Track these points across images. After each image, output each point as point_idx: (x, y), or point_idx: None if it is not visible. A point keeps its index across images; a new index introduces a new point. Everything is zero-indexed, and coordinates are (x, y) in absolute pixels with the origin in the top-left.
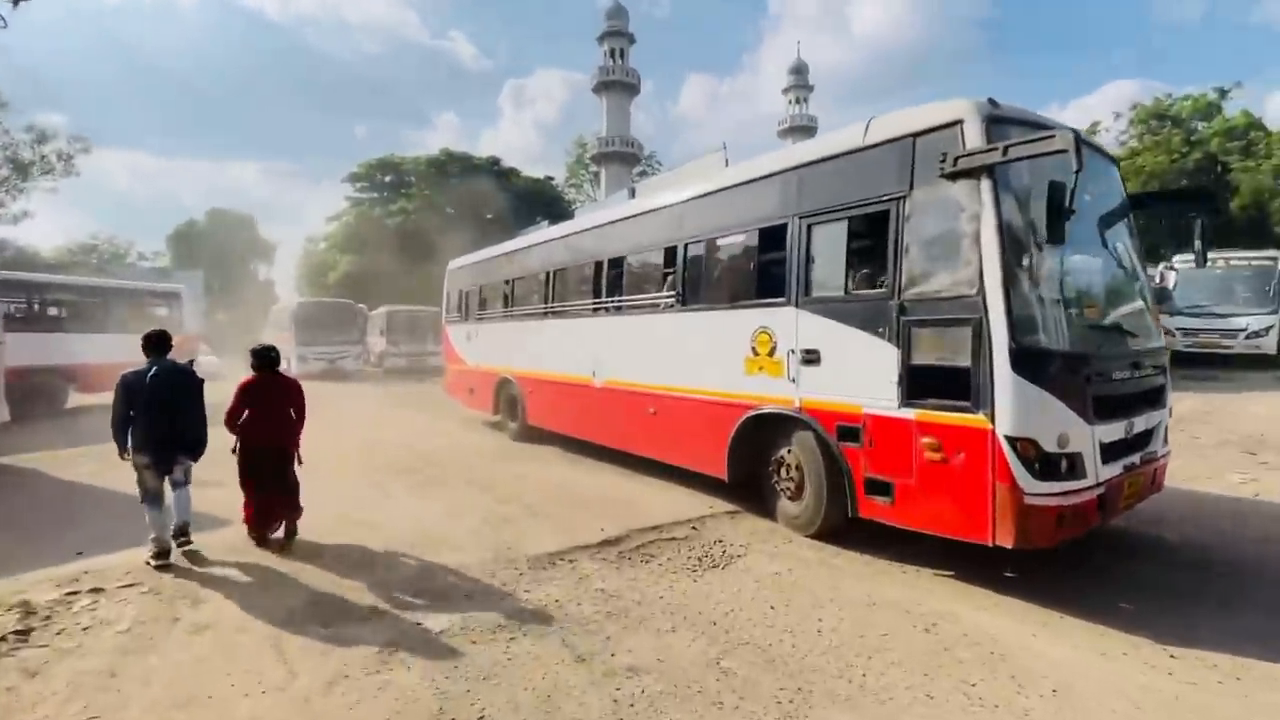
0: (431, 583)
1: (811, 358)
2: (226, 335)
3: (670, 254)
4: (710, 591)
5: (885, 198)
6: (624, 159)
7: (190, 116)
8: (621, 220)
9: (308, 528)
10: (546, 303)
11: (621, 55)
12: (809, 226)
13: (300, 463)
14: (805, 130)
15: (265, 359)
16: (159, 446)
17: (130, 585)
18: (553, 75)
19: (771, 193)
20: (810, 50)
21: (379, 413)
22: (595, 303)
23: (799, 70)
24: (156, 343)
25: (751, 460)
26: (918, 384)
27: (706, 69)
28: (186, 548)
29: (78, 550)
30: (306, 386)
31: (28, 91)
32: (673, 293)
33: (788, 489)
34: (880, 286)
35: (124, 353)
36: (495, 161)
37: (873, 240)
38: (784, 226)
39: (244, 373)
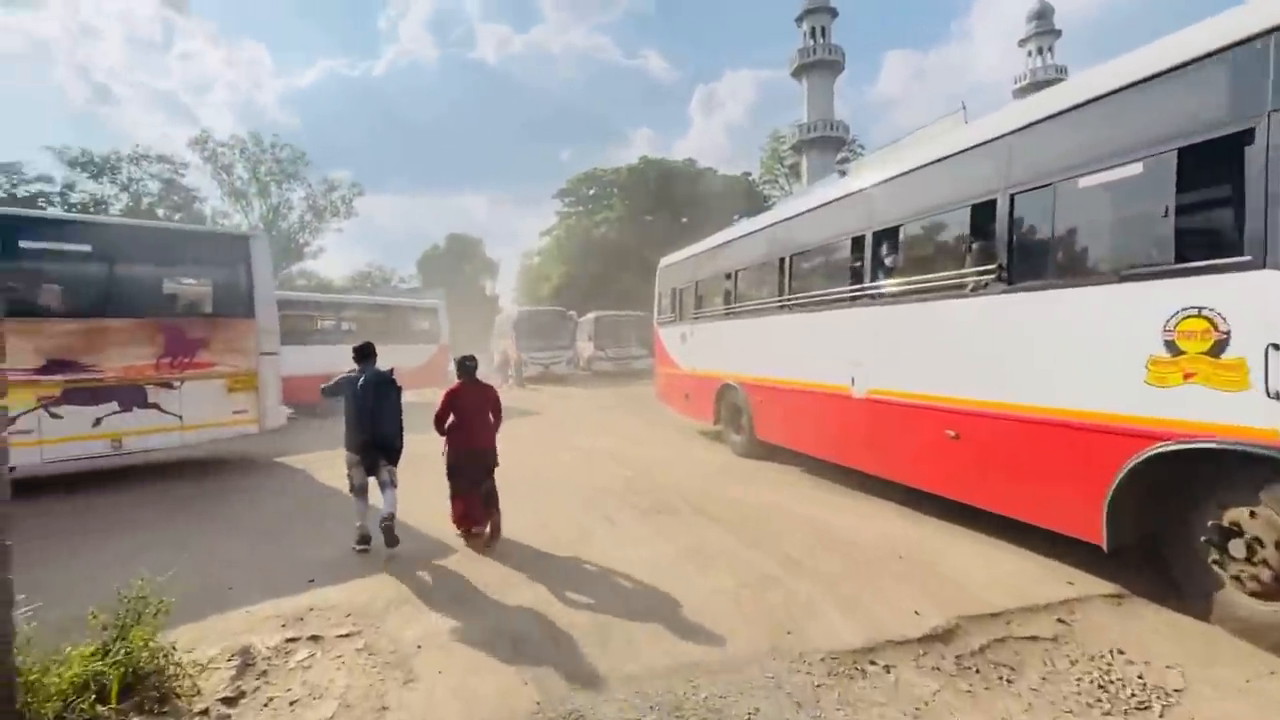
0: (693, 691)
1: None
2: (461, 344)
3: (983, 212)
4: None
5: None
6: (827, 145)
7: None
8: (896, 178)
9: (523, 554)
10: (781, 294)
11: (823, 33)
12: None
13: (497, 464)
14: (1051, 85)
15: (465, 368)
16: (363, 448)
17: (348, 635)
18: (741, 76)
19: (1219, 77)
20: None
21: (591, 417)
22: (854, 290)
23: (1041, 14)
24: (365, 353)
25: (1152, 518)
26: None
27: (906, 44)
28: (386, 526)
29: (310, 578)
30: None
31: (319, 150)
32: (990, 267)
33: (1251, 576)
34: None
35: (399, 359)
36: (691, 162)
37: None
38: (1247, 136)
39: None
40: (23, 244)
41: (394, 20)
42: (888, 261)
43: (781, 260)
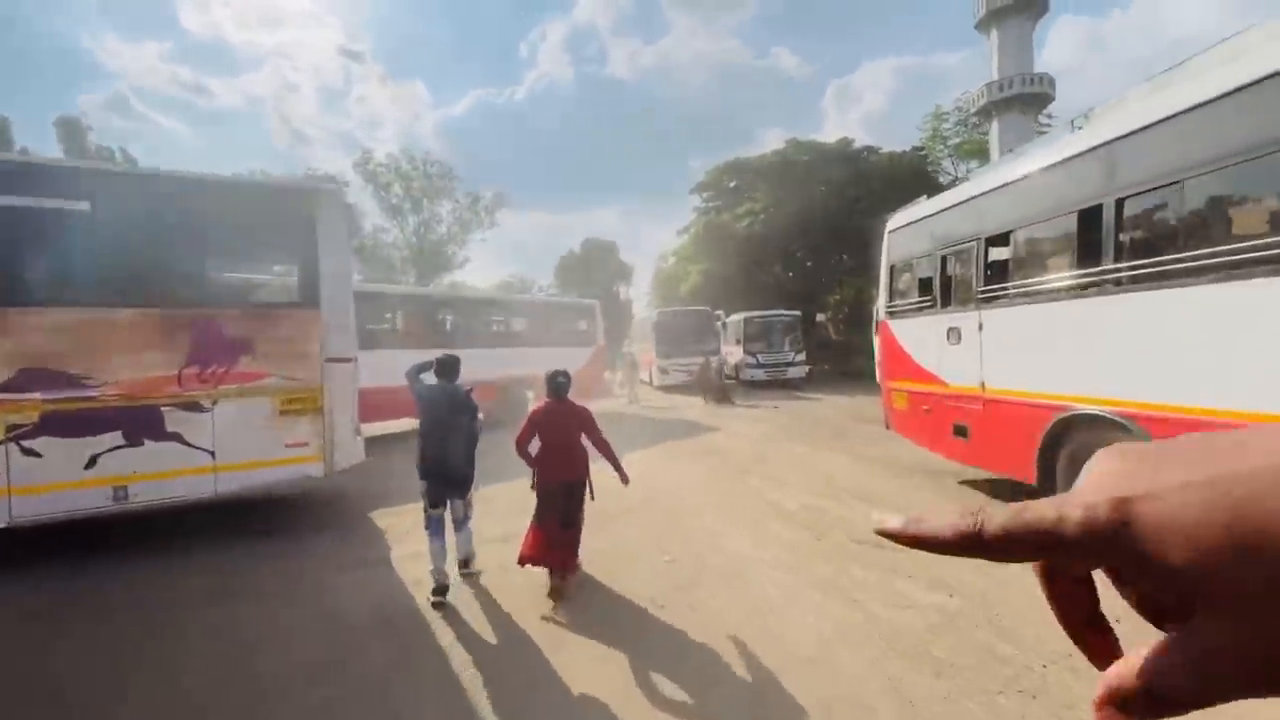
0: None
1: None
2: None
3: None
4: None
5: None
6: (1027, 103)
7: (569, 174)
8: None
9: None
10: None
11: None
12: None
13: (592, 498)
14: None
15: (555, 385)
16: (431, 478)
17: None
18: (879, 66)
19: None
20: None
21: (759, 446)
22: None
23: None
24: (448, 368)
25: None
26: None
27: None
28: (465, 573)
29: None
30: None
31: (467, 172)
32: None
33: None
34: None
35: (556, 363)
36: (849, 142)
37: None
38: None
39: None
40: None
41: (534, 45)
42: None
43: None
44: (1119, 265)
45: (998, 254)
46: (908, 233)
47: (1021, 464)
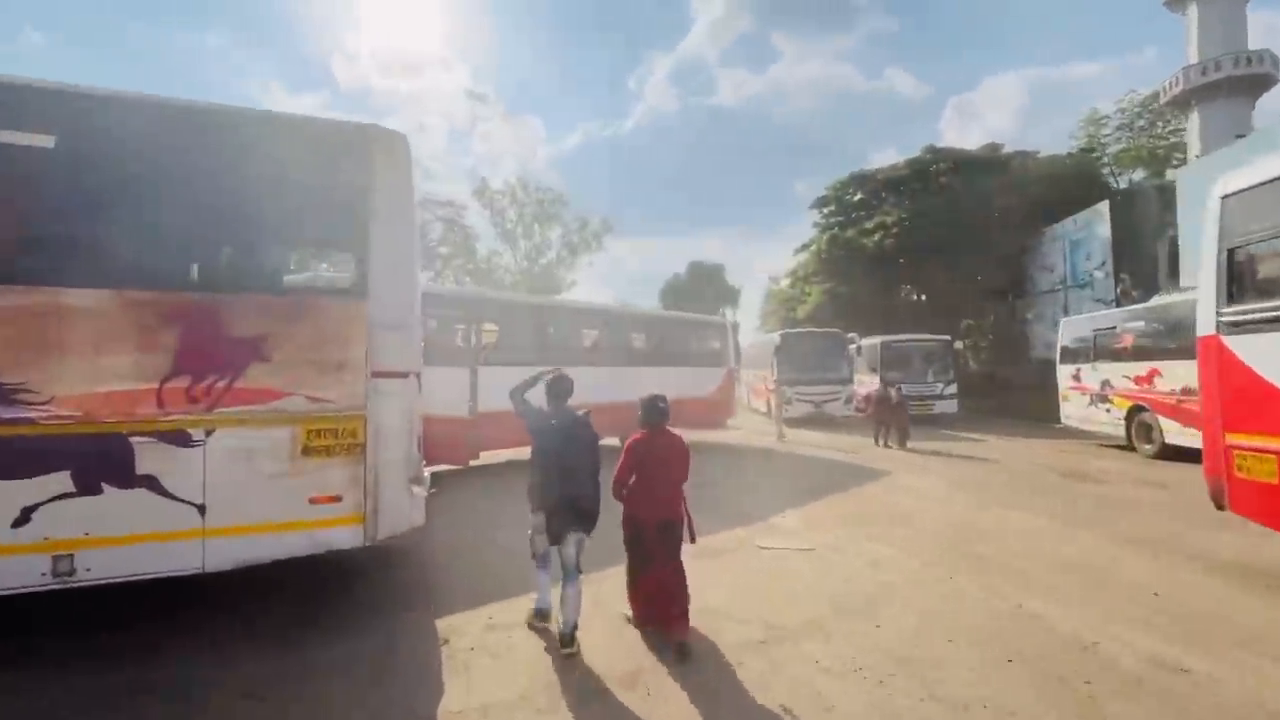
0: None
1: None
2: None
3: None
4: None
5: None
6: (1239, 88)
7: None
8: None
9: None
10: None
11: None
12: None
13: (693, 540)
14: None
15: (655, 411)
16: (553, 507)
17: None
18: (1002, 81)
19: None
20: None
21: (959, 510)
22: None
23: None
24: (561, 390)
25: None
26: None
27: None
28: (568, 652)
29: None
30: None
31: (576, 204)
32: None
33: None
34: None
35: (683, 386)
36: (997, 147)
37: None
38: None
39: None
40: None
41: (642, 78)
42: None
43: None
44: None
45: None
46: (1267, 197)
47: None
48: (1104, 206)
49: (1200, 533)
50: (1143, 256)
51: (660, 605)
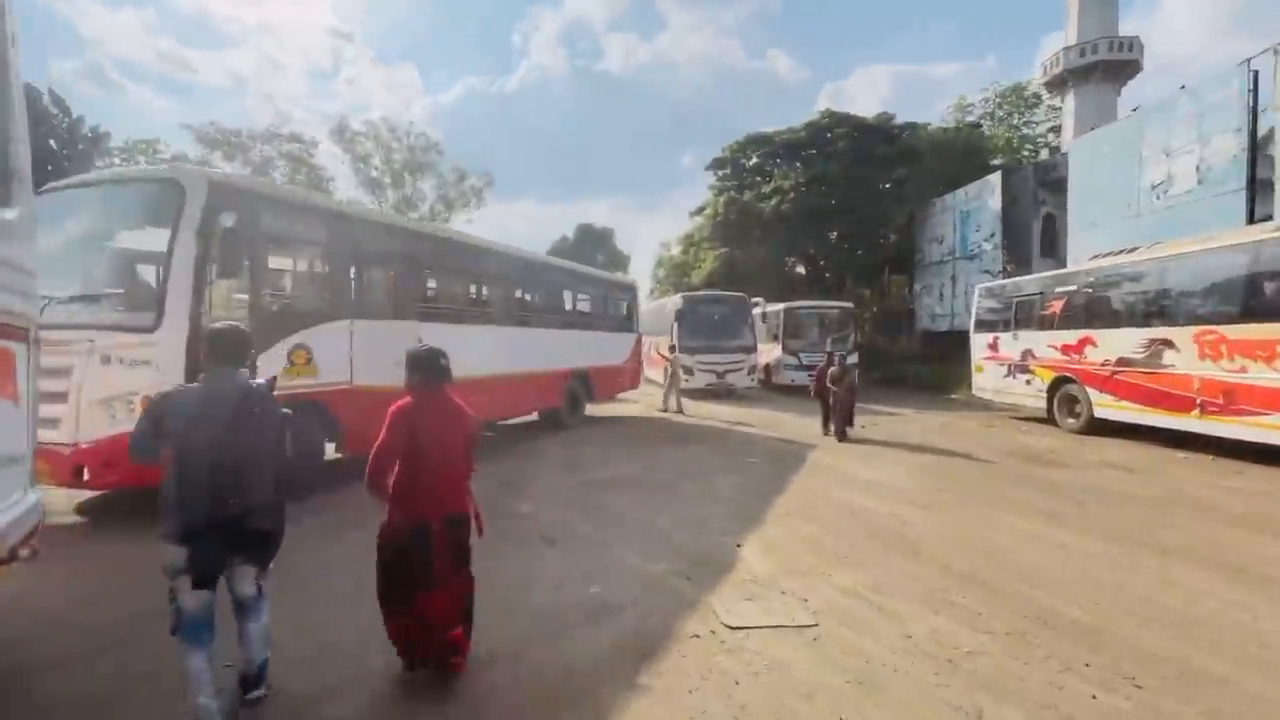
0: None
1: None
2: None
3: None
4: None
5: None
6: (1110, 72)
7: (559, 167)
8: None
9: None
10: None
11: None
12: None
13: (480, 533)
14: None
15: (430, 367)
16: (199, 534)
17: None
18: (873, 72)
19: None
20: None
21: (957, 522)
22: None
23: None
24: (227, 350)
25: None
26: None
27: None
28: (252, 697)
29: None
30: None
31: (456, 160)
32: None
33: None
34: None
35: (597, 355)
36: (889, 117)
37: None
38: None
39: None
40: None
41: (527, 34)
42: None
43: None
44: None
45: None
46: None
47: None
48: (996, 178)
49: (1244, 535)
50: (1019, 233)
51: (438, 634)
